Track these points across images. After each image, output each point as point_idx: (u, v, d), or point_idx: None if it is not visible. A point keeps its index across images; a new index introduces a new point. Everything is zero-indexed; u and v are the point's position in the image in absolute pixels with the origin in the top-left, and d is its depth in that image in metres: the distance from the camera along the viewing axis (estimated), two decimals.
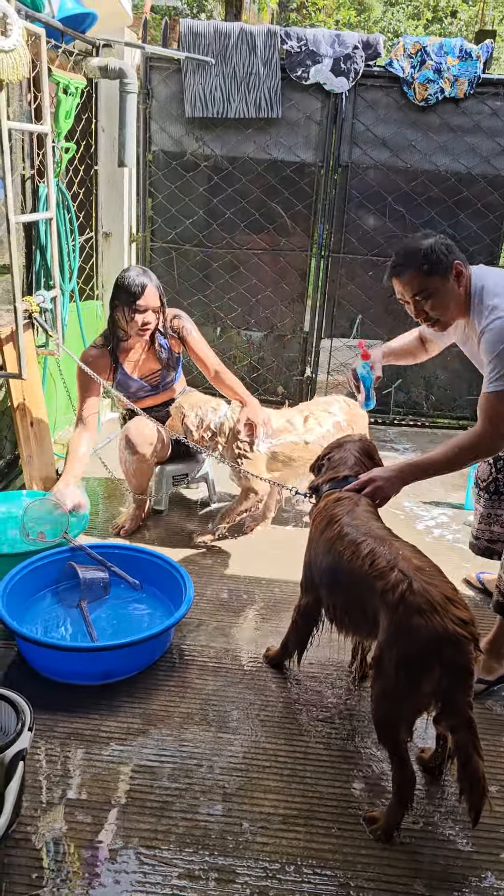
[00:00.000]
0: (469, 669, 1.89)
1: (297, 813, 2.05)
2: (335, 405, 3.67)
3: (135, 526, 3.59)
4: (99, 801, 2.05)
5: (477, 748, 1.88)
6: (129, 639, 2.43)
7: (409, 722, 1.97)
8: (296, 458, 3.47)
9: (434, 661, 1.87)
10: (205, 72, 4.72)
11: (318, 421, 3.55)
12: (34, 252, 3.76)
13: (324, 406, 3.66)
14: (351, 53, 4.70)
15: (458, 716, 1.89)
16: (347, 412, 3.65)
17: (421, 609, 1.89)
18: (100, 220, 5.00)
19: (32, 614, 2.79)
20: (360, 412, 3.71)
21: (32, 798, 2.04)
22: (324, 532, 2.31)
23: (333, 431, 3.56)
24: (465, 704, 1.89)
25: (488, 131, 4.87)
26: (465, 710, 1.89)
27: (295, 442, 3.46)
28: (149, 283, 3.38)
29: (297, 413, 3.57)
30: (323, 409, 3.63)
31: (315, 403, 3.71)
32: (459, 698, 1.89)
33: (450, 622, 1.87)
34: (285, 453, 3.45)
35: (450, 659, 1.86)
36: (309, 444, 3.48)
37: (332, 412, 3.62)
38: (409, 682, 1.90)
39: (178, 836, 1.96)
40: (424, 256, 2.40)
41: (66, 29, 3.77)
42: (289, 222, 5.12)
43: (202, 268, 5.22)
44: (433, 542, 3.73)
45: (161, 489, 3.78)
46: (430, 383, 5.48)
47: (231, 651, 2.75)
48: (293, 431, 3.48)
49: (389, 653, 1.94)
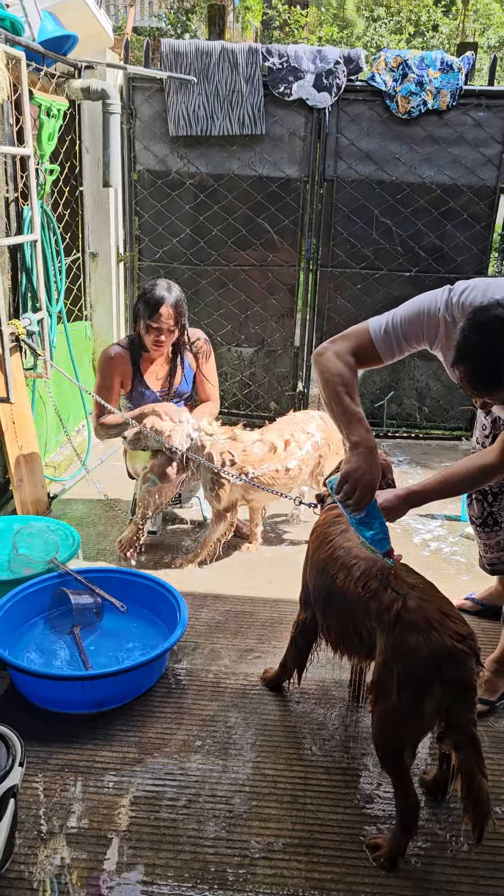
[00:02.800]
0: (471, 685, 1.86)
1: (298, 841, 2.00)
2: (312, 423, 3.62)
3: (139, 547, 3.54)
4: (95, 835, 2.00)
5: (481, 766, 1.84)
6: (123, 665, 2.39)
7: (413, 744, 1.93)
8: (276, 483, 3.43)
9: (434, 679, 1.83)
10: (188, 90, 4.73)
11: (299, 444, 3.50)
12: (20, 275, 3.74)
13: (302, 425, 3.60)
14: (333, 69, 4.71)
15: (461, 733, 1.85)
16: (324, 430, 3.61)
17: (418, 626, 1.86)
18: (86, 241, 4.99)
19: (25, 642, 2.74)
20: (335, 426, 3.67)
21: (27, 834, 1.98)
22: (317, 550, 2.28)
23: (312, 452, 3.52)
24: (468, 721, 1.86)
25: (472, 142, 4.88)
26: (468, 728, 1.85)
27: (277, 469, 3.42)
28: (166, 301, 3.40)
29: (278, 437, 3.49)
30: (301, 428, 3.57)
31: (292, 422, 3.63)
32: (462, 715, 1.85)
33: (448, 638, 1.84)
34: (266, 481, 3.40)
35: (450, 675, 1.83)
36: (290, 470, 3.44)
37: (309, 432, 3.56)
38: (410, 703, 1.87)
39: (176, 869, 1.90)
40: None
41: (47, 52, 3.77)
42: (276, 237, 5.11)
43: (191, 285, 5.20)
44: (430, 555, 3.70)
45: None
46: (423, 395, 5.46)
47: (228, 674, 2.70)
48: (274, 459, 3.42)
49: (389, 673, 1.90)
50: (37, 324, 3.72)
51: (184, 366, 3.69)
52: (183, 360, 3.68)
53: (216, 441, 3.41)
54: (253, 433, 3.53)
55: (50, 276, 3.96)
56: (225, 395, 5.36)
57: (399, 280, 5.11)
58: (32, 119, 3.62)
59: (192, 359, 3.72)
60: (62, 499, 4.14)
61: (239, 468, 3.36)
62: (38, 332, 3.76)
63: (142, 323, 3.46)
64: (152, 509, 3.48)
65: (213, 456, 3.37)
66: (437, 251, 5.09)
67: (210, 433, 3.44)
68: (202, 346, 3.72)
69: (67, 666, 2.64)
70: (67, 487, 4.27)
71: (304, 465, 3.51)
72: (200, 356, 3.72)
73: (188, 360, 3.71)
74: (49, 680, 2.41)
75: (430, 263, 5.10)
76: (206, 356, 3.74)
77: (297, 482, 3.57)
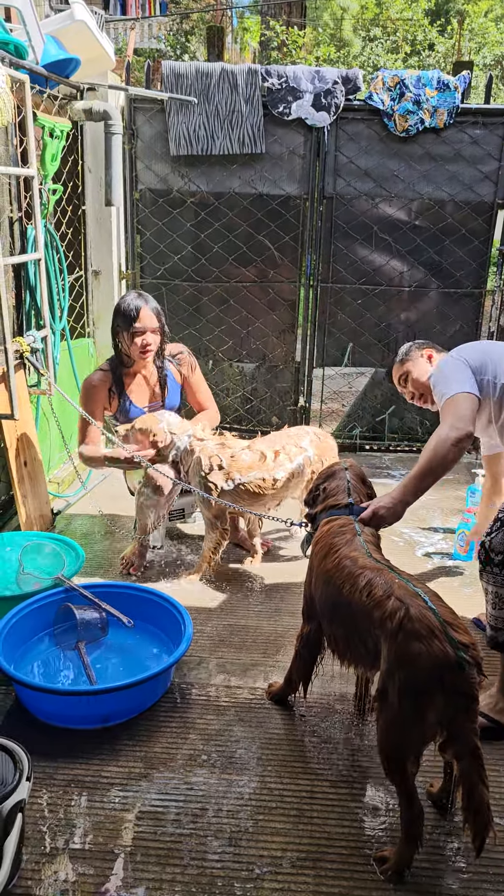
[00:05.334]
0: (473, 694, 1.86)
1: (305, 855, 2.00)
2: (305, 438, 3.62)
3: (142, 562, 3.56)
4: (102, 850, 1.99)
5: (482, 776, 1.84)
6: (128, 680, 2.39)
7: (416, 753, 1.93)
8: (263, 493, 3.44)
9: (436, 688, 1.84)
10: (188, 111, 4.80)
11: (289, 456, 3.51)
12: (24, 293, 3.78)
13: (295, 440, 3.60)
14: (331, 88, 4.78)
15: (462, 743, 1.85)
16: (318, 445, 3.62)
17: (420, 635, 1.87)
18: (89, 259, 5.04)
19: (30, 658, 2.75)
20: (329, 443, 3.70)
21: (33, 849, 1.98)
22: (323, 561, 2.29)
23: (303, 466, 3.53)
24: (470, 731, 1.86)
25: (469, 159, 4.94)
26: (470, 737, 1.85)
27: (264, 478, 3.43)
28: (144, 305, 3.49)
29: (269, 448, 3.50)
30: (294, 443, 3.58)
31: (286, 436, 3.64)
32: (464, 725, 1.85)
33: (450, 646, 1.84)
34: (252, 489, 3.42)
35: (452, 685, 1.83)
36: (277, 481, 3.45)
37: (302, 446, 3.57)
38: (413, 712, 1.87)
39: (183, 884, 1.90)
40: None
41: (51, 74, 3.83)
42: (276, 254, 5.16)
43: (192, 302, 5.25)
44: (434, 567, 3.70)
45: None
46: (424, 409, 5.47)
47: (233, 688, 2.70)
48: (262, 468, 3.44)
49: (392, 682, 1.90)
50: (40, 341, 3.76)
51: (168, 378, 3.73)
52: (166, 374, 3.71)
53: (206, 446, 3.44)
54: (243, 441, 3.55)
55: (53, 294, 4.00)
56: (227, 410, 5.40)
57: (399, 295, 5.16)
58: (36, 140, 3.68)
59: (177, 372, 3.75)
60: (66, 514, 4.16)
61: (226, 473, 3.38)
62: (42, 350, 3.80)
63: (124, 336, 3.51)
64: (151, 523, 3.49)
65: (203, 459, 3.40)
66: (436, 266, 5.13)
67: (201, 438, 3.47)
68: (185, 359, 3.78)
69: (73, 681, 2.64)
70: (71, 503, 4.28)
71: (293, 479, 3.51)
72: (184, 368, 3.77)
73: (172, 373, 3.74)
74: (54, 695, 2.42)
75: (429, 278, 5.14)
76: (192, 368, 3.80)
77: (285, 495, 3.58)
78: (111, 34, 12.92)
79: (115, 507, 4.14)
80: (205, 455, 3.41)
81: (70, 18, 3.94)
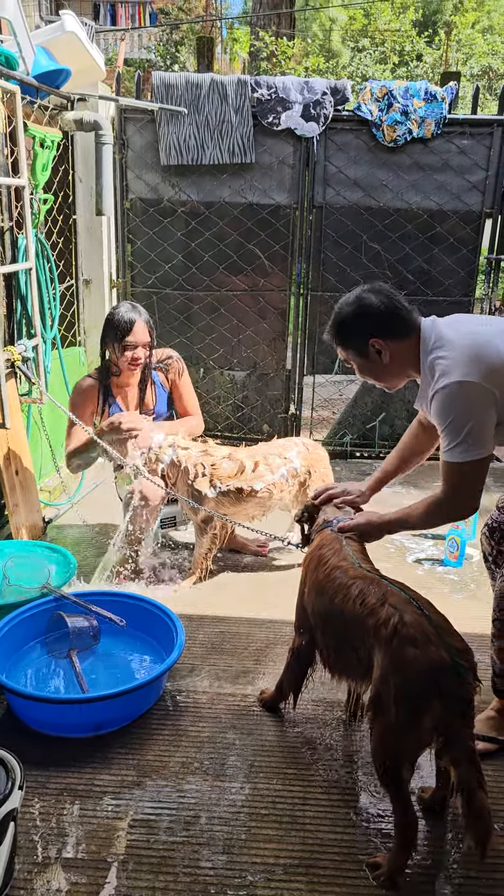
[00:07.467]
0: (468, 700, 1.86)
1: (298, 862, 2.00)
2: (293, 450, 3.61)
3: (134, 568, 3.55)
4: (95, 859, 1.99)
5: (480, 781, 1.84)
6: (120, 688, 2.38)
7: (411, 759, 1.93)
8: (243, 503, 3.45)
9: (432, 693, 1.84)
10: (178, 121, 4.83)
11: (270, 467, 3.50)
12: (14, 302, 3.79)
13: (280, 450, 3.59)
14: (320, 99, 4.83)
15: (459, 748, 1.85)
16: (305, 456, 3.61)
17: (415, 640, 1.88)
18: (80, 268, 5.06)
19: (22, 666, 2.74)
20: (319, 454, 3.69)
21: (25, 859, 1.98)
22: (314, 572, 2.30)
23: (287, 477, 3.52)
24: (466, 736, 1.86)
25: (457, 169, 4.99)
26: (466, 743, 1.86)
27: (241, 488, 3.43)
28: (138, 318, 3.49)
29: (249, 458, 3.49)
30: (279, 453, 3.56)
31: (273, 446, 3.64)
32: (461, 730, 1.86)
33: (445, 652, 1.85)
34: (231, 498, 3.42)
35: (448, 689, 1.84)
36: (257, 493, 3.45)
37: (288, 457, 3.56)
38: (408, 717, 1.87)
39: (177, 892, 1.90)
40: (337, 327, 2.36)
41: (41, 85, 3.85)
42: (267, 263, 5.19)
43: (183, 310, 5.27)
44: (424, 574, 3.72)
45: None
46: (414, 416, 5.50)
47: (225, 695, 2.70)
48: (240, 478, 3.44)
49: (387, 688, 1.90)
50: (32, 350, 3.76)
51: (155, 386, 3.73)
52: (154, 382, 3.72)
53: (191, 454, 3.45)
54: (224, 449, 3.56)
55: (44, 303, 4.01)
56: (218, 418, 5.41)
57: None
58: (27, 150, 3.69)
59: (164, 379, 3.76)
60: (57, 523, 4.16)
61: (208, 479, 3.40)
62: (33, 359, 3.80)
63: (114, 347, 3.51)
64: (139, 531, 3.49)
65: (189, 468, 3.41)
66: (424, 275, 5.18)
67: (185, 447, 3.47)
68: (173, 364, 3.77)
69: (65, 690, 2.64)
70: (62, 512, 4.28)
71: (275, 490, 3.50)
72: (172, 373, 3.76)
73: (160, 380, 3.75)
74: (46, 703, 2.41)
75: (418, 287, 5.18)
76: (180, 373, 3.79)
77: (270, 505, 3.58)
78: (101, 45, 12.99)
79: (107, 516, 4.14)
80: (190, 463, 3.42)
81: (60, 29, 3.96)
